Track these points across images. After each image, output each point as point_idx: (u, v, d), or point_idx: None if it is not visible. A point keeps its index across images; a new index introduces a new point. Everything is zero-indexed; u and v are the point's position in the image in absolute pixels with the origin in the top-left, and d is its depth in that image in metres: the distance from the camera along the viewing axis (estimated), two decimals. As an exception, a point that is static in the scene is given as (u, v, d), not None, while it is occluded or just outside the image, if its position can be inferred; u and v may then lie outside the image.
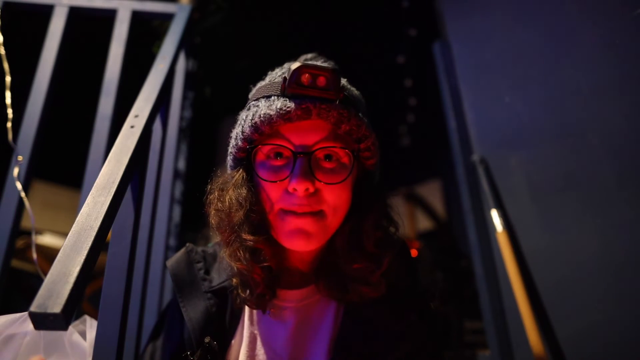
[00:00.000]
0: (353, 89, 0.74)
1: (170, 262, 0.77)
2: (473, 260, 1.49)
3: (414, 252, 3.06)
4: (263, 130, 0.66)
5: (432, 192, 4.62)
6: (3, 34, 1.24)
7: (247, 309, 0.75)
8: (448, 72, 1.72)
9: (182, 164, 1.85)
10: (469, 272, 2.71)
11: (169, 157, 1.45)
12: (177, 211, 1.76)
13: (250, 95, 0.75)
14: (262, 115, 0.65)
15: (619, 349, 1.00)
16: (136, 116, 0.87)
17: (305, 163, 0.63)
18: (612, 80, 1.07)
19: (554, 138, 1.22)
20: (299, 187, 0.62)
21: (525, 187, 1.31)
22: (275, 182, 0.65)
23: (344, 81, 0.71)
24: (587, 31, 1.14)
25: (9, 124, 1.17)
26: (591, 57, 1.13)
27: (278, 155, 0.66)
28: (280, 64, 0.77)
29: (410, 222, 4.27)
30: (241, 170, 0.71)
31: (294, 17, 2.96)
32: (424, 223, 4.31)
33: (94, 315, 0.74)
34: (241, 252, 0.67)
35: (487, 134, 1.52)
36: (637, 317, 0.97)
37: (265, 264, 0.67)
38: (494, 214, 1.35)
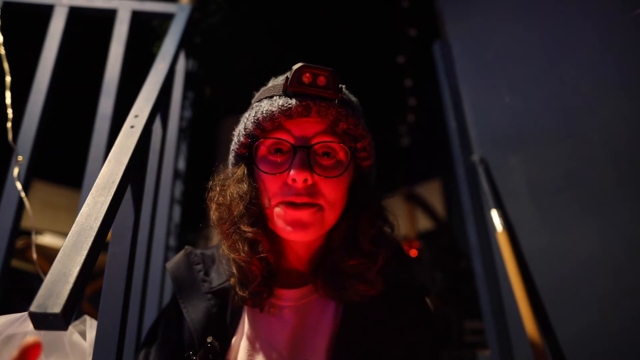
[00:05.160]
0: (351, 95, 0.76)
1: (169, 265, 0.78)
2: (473, 260, 1.49)
3: (414, 252, 3.06)
4: (265, 126, 0.68)
5: (432, 192, 4.61)
6: (3, 34, 1.24)
7: (247, 309, 0.75)
8: (448, 72, 1.72)
9: (182, 164, 1.85)
10: (469, 272, 2.71)
11: (169, 157, 1.45)
12: (177, 211, 1.76)
13: (253, 100, 0.77)
14: (264, 112, 0.67)
15: (619, 349, 1.00)
16: (136, 116, 0.87)
17: (304, 156, 0.65)
18: (612, 80, 1.07)
19: (554, 138, 1.22)
20: (298, 177, 0.64)
21: (525, 187, 1.31)
22: (275, 174, 0.67)
23: (343, 86, 0.73)
24: (587, 31, 1.14)
25: (9, 124, 1.17)
26: (591, 57, 1.13)
27: (278, 151, 0.69)
28: (279, 64, 0.80)
29: (410, 222, 4.26)
30: (242, 165, 0.73)
31: (294, 17, 2.96)
32: (424, 223, 4.30)
33: (94, 315, 0.74)
34: (240, 244, 0.68)
35: (487, 134, 1.51)
36: (637, 317, 0.97)
37: (263, 256, 0.68)
38: (494, 214, 1.35)
